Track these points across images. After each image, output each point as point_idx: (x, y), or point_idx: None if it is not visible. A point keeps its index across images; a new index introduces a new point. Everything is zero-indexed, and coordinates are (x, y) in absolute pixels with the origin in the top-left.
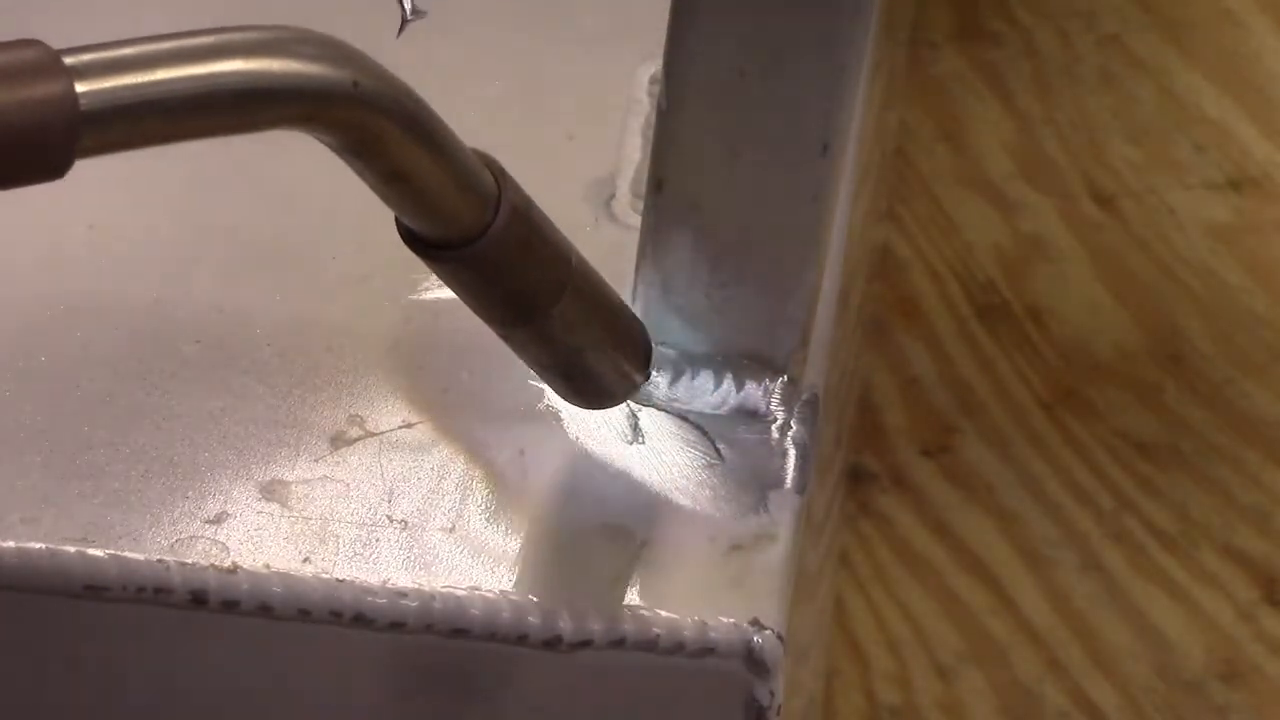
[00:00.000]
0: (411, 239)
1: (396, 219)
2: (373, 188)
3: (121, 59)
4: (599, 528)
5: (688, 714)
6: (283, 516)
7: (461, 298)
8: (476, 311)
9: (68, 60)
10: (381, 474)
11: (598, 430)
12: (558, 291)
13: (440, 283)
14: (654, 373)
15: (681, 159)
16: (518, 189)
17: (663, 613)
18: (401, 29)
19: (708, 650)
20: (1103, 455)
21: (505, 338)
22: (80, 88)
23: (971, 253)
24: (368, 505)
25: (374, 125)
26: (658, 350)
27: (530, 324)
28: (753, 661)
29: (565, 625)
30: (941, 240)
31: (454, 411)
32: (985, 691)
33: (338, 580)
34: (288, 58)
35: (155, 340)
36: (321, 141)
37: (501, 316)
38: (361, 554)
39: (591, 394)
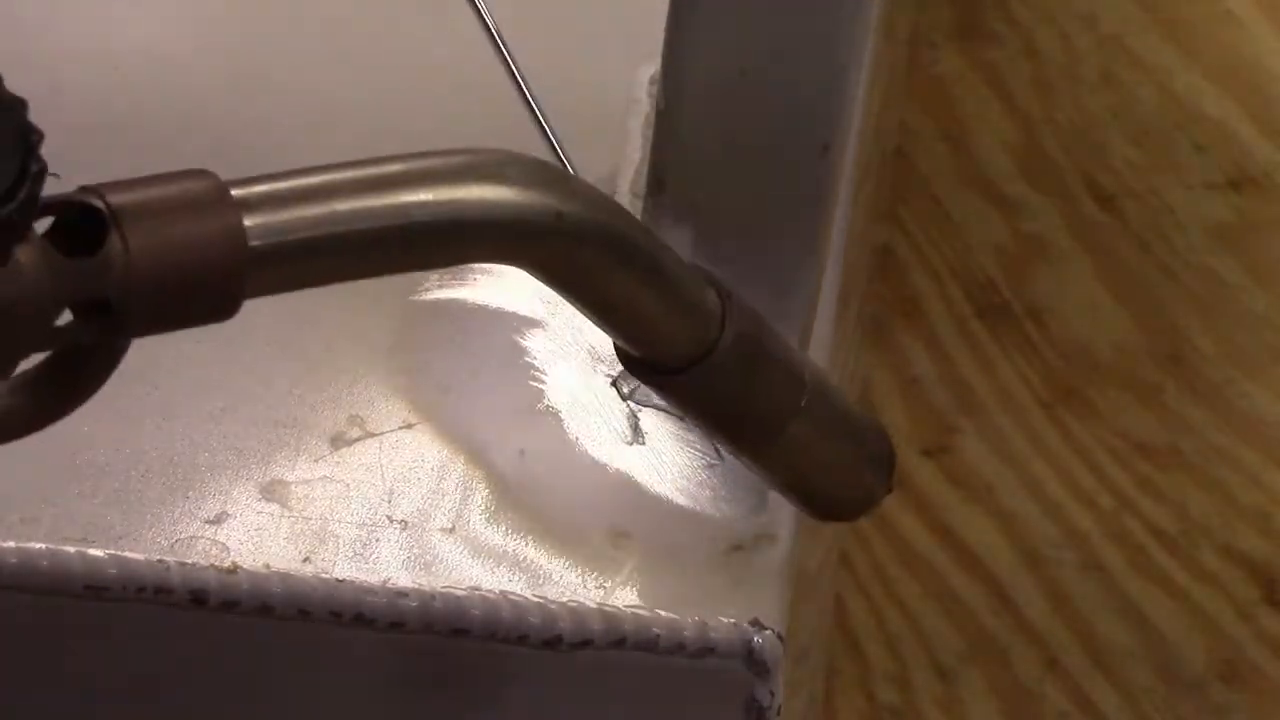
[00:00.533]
0: (628, 360)
1: (614, 342)
2: (581, 312)
3: (296, 190)
4: (599, 528)
5: (688, 714)
6: (283, 516)
7: (686, 416)
8: (703, 429)
9: (236, 193)
10: (381, 474)
11: (598, 431)
12: (789, 414)
13: (440, 284)
14: None
15: (682, 159)
16: (744, 309)
17: (663, 613)
18: None
19: (708, 650)
20: (1103, 455)
21: (737, 455)
22: (249, 222)
23: (971, 253)
24: (368, 505)
25: (580, 258)
26: None
27: (758, 446)
28: (753, 661)
29: (565, 625)
30: (941, 240)
31: (454, 412)
32: (985, 691)
33: (338, 580)
34: (483, 184)
35: (155, 340)
36: (525, 271)
37: (728, 438)
38: (361, 554)
39: (828, 510)
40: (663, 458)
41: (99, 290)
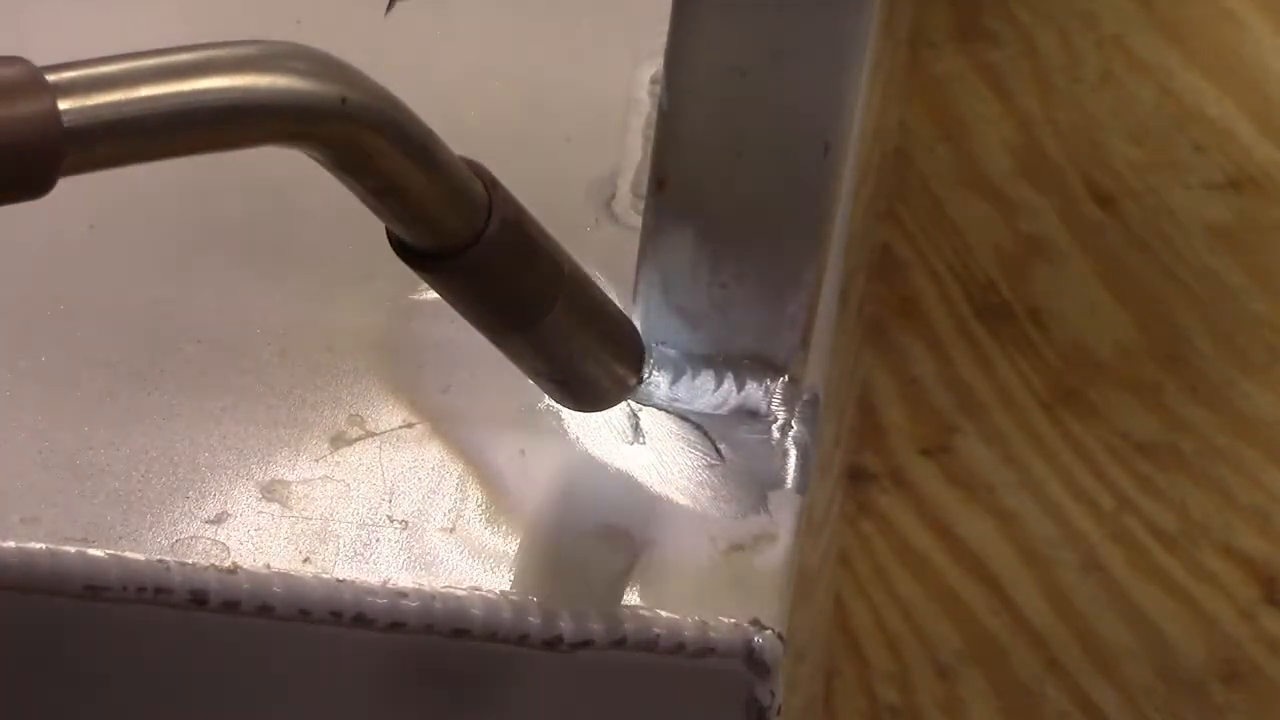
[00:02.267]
0: (403, 249)
1: (387, 229)
2: (363, 200)
3: (106, 76)
4: (599, 528)
5: (688, 714)
6: (283, 516)
7: (454, 306)
8: (469, 319)
9: (50, 78)
10: (382, 474)
11: (598, 430)
12: (550, 300)
13: None
14: (654, 373)
15: (682, 159)
16: (509, 198)
17: (663, 613)
18: (390, 6)
19: (708, 650)
20: (1103, 455)
21: (499, 344)
22: (64, 105)
23: (971, 253)
24: (368, 505)
25: (363, 141)
26: (659, 350)
27: (523, 332)
28: (753, 661)
29: (566, 625)
30: (941, 240)
31: (454, 412)
32: (985, 691)
33: (338, 580)
34: (274, 73)
35: (155, 340)
36: (310, 157)
37: (494, 324)
38: (362, 554)
39: (586, 398)
40: (663, 458)
41: None
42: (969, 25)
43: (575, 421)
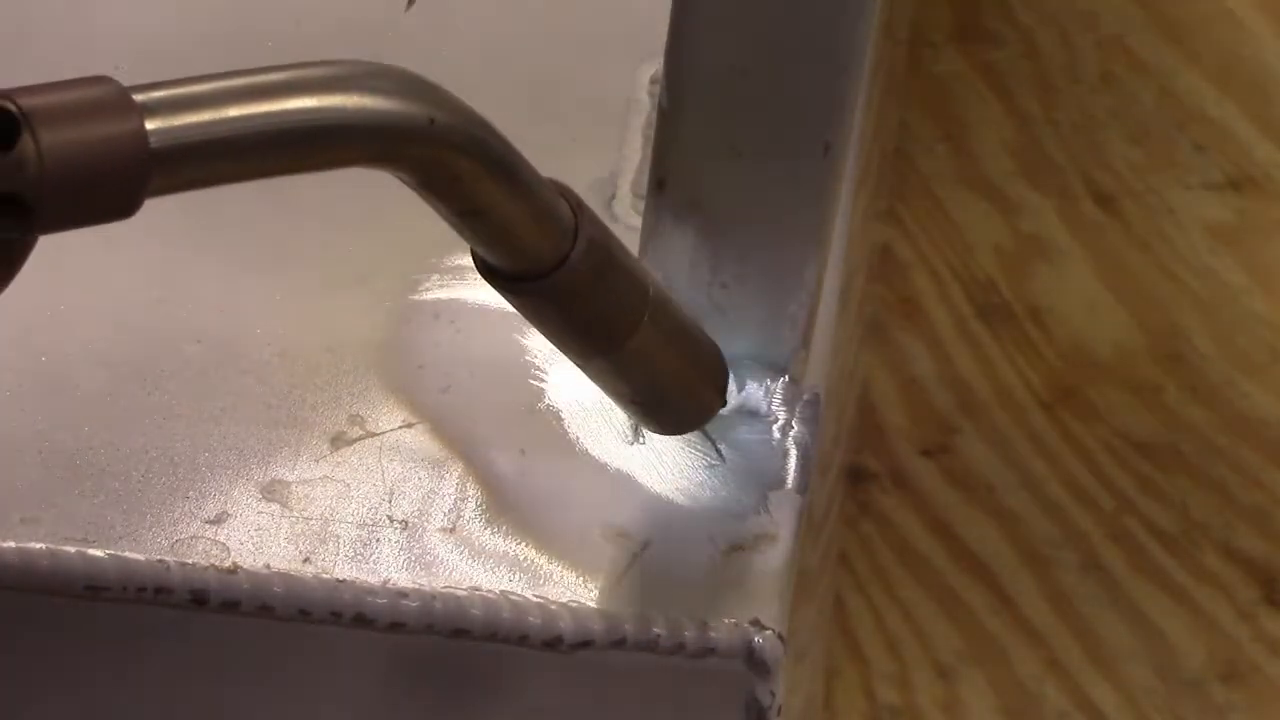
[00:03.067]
0: (488, 271)
1: (472, 251)
2: (449, 222)
3: (193, 96)
4: (599, 528)
5: (688, 714)
6: (283, 517)
7: (537, 328)
8: (553, 342)
9: (138, 98)
10: (382, 474)
11: (598, 430)
12: (635, 323)
13: (440, 283)
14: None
15: (682, 159)
16: (595, 220)
17: (663, 613)
18: (410, 4)
19: (708, 650)
20: (1103, 455)
21: (582, 367)
22: (151, 125)
23: (971, 253)
24: (368, 505)
25: (450, 163)
26: None
27: (607, 355)
28: (753, 661)
29: (566, 625)
30: (941, 240)
31: (454, 411)
32: (985, 691)
33: (338, 580)
34: (362, 94)
35: (155, 340)
36: (397, 178)
37: (579, 347)
38: (362, 554)
39: (669, 422)
40: (663, 458)
41: (12, 187)
42: (969, 25)
43: (575, 421)
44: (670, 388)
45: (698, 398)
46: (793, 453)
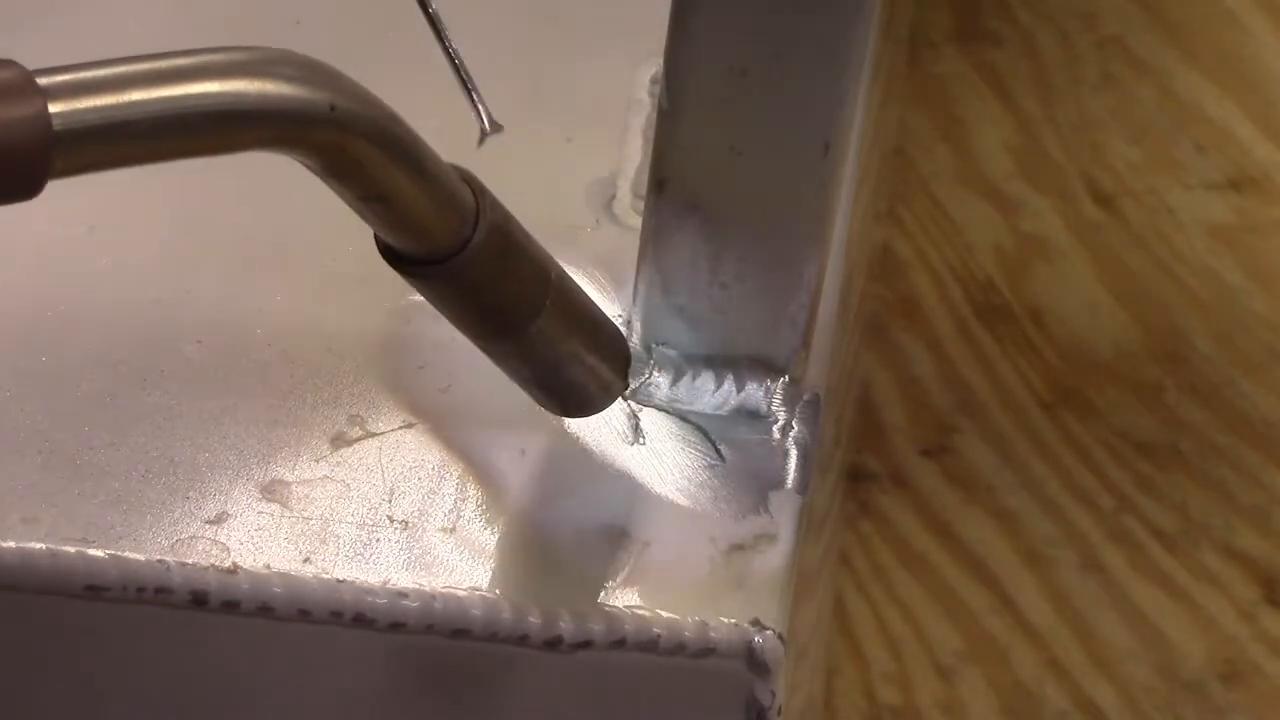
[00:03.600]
0: (391, 255)
1: (375, 235)
2: (352, 206)
3: (96, 80)
4: (600, 528)
5: (688, 714)
6: (283, 517)
7: (441, 311)
8: (456, 325)
9: (41, 81)
10: (382, 474)
11: (598, 431)
12: (536, 307)
13: None
14: (655, 374)
15: (682, 159)
16: (496, 205)
17: (663, 613)
18: (481, 140)
19: (708, 650)
20: (1103, 455)
21: (486, 350)
22: (54, 109)
23: (971, 253)
24: (368, 506)
25: (352, 148)
26: (659, 351)
27: (509, 338)
28: (754, 662)
29: (566, 626)
30: (941, 240)
31: (454, 412)
32: (985, 691)
33: (338, 581)
34: (264, 79)
35: (155, 340)
36: (300, 163)
37: (481, 330)
38: (362, 554)
39: (572, 404)
40: (663, 458)
41: None
42: (969, 25)
43: (575, 422)
44: (572, 371)
45: (600, 381)
46: (793, 453)
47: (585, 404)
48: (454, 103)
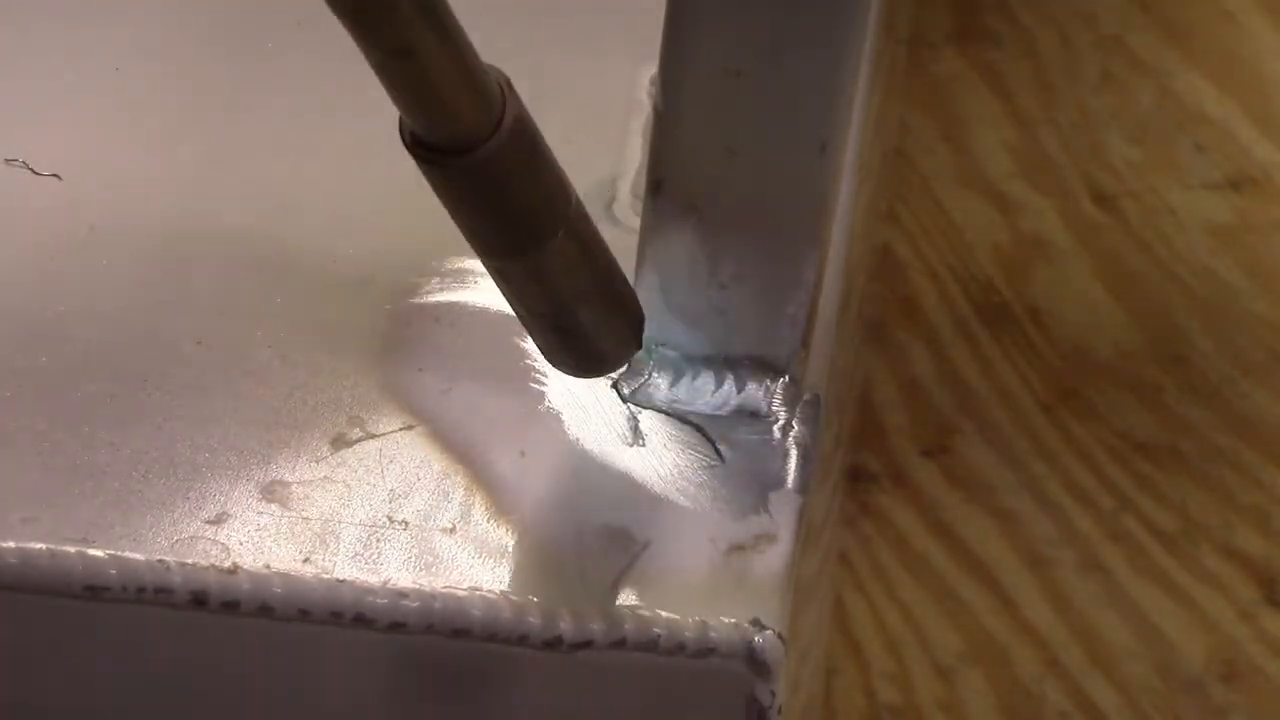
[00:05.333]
0: (413, 140)
1: (400, 122)
2: (376, 66)
3: None
4: (600, 529)
5: (689, 714)
6: (283, 517)
7: (458, 219)
8: (472, 237)
9: None
10: (382, 475)
11: (598, 432)
12: (558, 222)
13: (442, 286)
14: (654, 374)
15: (679, 160)
16: (521, 103)
17: (663, 613)
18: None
19: (709, 650)
20: (1103, 455)
21: (499, 272)
22: None
23: (971, 253)
24: (368, 506)
25: None
26: (659, 351)
27: (527, 254)
28: (754, 662)
29: (566, 626)
30: (941, 240)
31: (454, 413)
32: (985, 691)
33: (338, 581)
34: None
35: (155, 340)
36: (330, 4)
37: (498, 242)
38: (362, 555)
39: (584, 355)
40: (663, 458)
41: None
42: (969, 25)
43: (575, 423)
44: (589, 311)
45: (617, 332)
46: (793, 453)
47: (599, 358)
48: None
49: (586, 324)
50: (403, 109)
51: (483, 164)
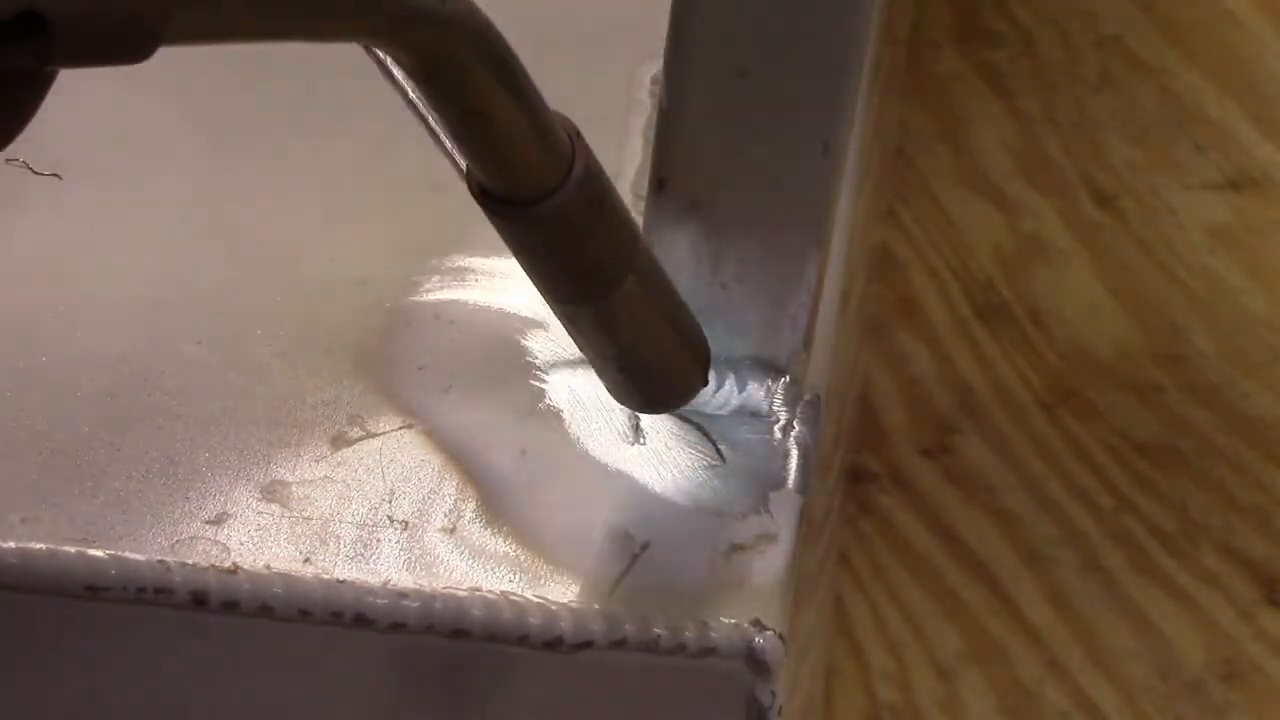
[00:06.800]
0: (481, 192)
1: (467, 172)
2: (447, 128)
3: None
4: (599, 528)
5: (689, 714)
6: (283, 517)
7: (527, 267)
8: (540, 284)
9: None
10: (382, 475)
11: (598, 431)
12: (625, 269)
13: (441, 284)
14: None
15: (682, 159)
16: (590, 152)
17: (664, 613)
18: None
19: (709, 650)
20: (1103, 455)
21: (567, 318)
22: None
23: (971, 253)
24: (368, 506)
25: (457, 53)
26: None
27: (594, 301)
28: (754, 662)
29: (566, 626)
30: (941, 240)
31: (454, 412)
32: (985, 691)
33: (338, 581)
34: None
35: (155, 340)
36: (401, 65)
37: (567, 289)
38: (362, 555)
39: (653, 394)
40: (663, 458)
41: (33, 3)
42: (969, 25)
43: (575, 422)
44: (655, 352)
45: (683, 369)
46: (793, 453)
47: (666, 395)
48: None
49: (654, 363)
50: (472, 163)
51: (551, 215)
